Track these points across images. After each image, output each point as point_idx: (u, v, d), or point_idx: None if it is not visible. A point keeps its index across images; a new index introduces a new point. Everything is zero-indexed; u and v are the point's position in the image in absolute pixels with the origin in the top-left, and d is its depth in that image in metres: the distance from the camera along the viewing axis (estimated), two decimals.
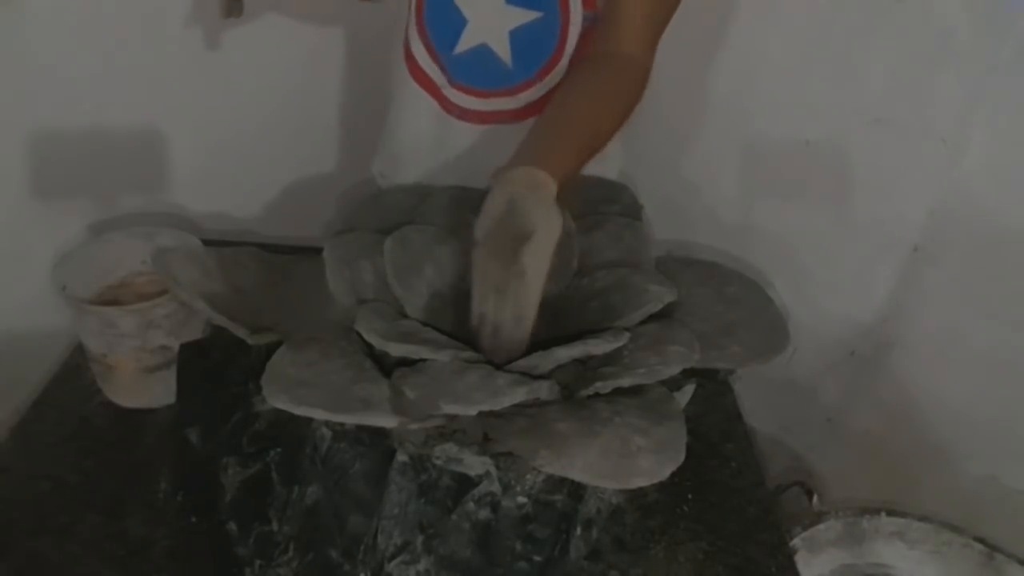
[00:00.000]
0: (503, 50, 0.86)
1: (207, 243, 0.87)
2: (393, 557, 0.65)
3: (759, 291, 0.78)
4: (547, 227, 0.65)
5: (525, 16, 0.84)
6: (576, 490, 0.67)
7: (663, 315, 0.69)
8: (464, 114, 0.91)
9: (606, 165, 0.93)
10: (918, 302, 1.07)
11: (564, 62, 0.87)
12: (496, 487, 0.64)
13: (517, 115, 0.91)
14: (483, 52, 0.87)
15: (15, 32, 0.99)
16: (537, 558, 0.67)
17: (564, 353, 0.62)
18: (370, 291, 0.72)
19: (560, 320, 0.73)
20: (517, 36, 0.85)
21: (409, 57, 0.91)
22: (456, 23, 0.86)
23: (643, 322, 0.68)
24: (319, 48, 1.11)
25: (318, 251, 0.75)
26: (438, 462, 0.63)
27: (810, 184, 1.11)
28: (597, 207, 0.85)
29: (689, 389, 0.72)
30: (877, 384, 1.14)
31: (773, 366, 0.68)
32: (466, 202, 0.85)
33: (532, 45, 0.86)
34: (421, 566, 0.66)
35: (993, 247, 0.97)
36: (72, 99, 1.04)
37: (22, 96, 1.02)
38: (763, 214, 1.14)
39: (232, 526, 0.71)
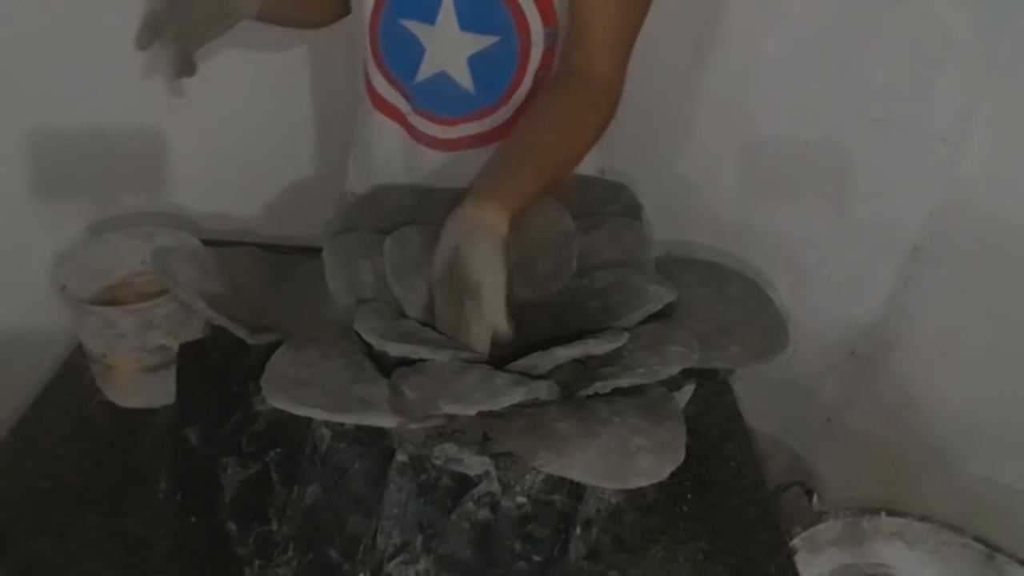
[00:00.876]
0: (463, 77, 0.85)
1: (207, 243, 0.87)
2: (393, 557, 0.65)
3: (759, 291, 0.78)
4: (490, 275, 0.64)
5: (482, 42, 0.82)
6: (576, 490, 0.67)
7: (663, 315, 0.69)
8: (432, 142, 0.90)
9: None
10: (918, 302, 1.07)
11: (528, 81, 0.86)
12: (496, 487, 0.64)
13: (485, 139, 0.90)
14: (443, 79, 0.85)
15: (15, 32, 0.99)
16: (537, 558, 0.67)
17: (564, 353, 0.62)
18: (370, 291, 0.72)
19: (560, 320, 0.73)
20: (476, 62, 0.84)
21: (370, 88, 0.90)
22: (415, 51, 0.85)
23: (643, 322, 0.68)
24: (319, 48, 1.11)
25: (318, 251, 0.75)
26: (438, 462, 0.63)
27: (810, 184, 1.11)
28: (597, 207, 0.85)
29: (689, 389, 0.72)
30: (877, 384, 1.14)
31: (773, 366, 0.68)
32: None
33: (493, 69, 0.85)
34: (420, 566, 0.66)
35: (993, 247, 0.97)
36: (72, 99, 1.04)
37: (22, 96, 1.02)
38: (763, 214, 1.14)
39: (232, 526, 0.71)
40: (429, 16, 0.82)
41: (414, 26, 0.83)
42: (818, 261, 1.13)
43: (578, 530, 0.69)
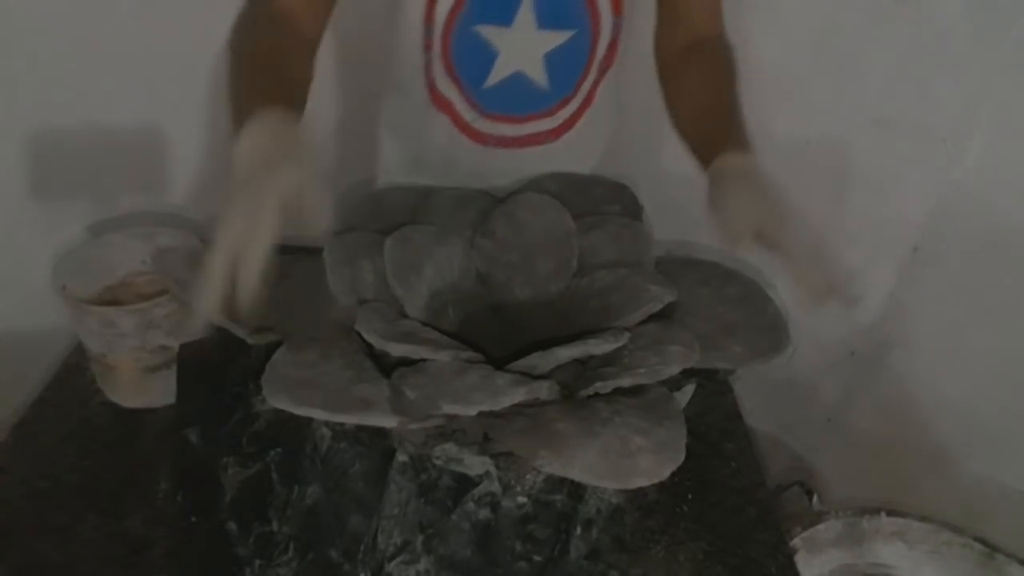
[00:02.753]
0: (539, 74, 0.85)
1: (207, 243, 0.87)
2: (393, 557, 0.65)
3: (759, 291, 0.78)
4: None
5: (559, 37, 0.82)
6: (576, 490, 0.67)
7: (663, 315, 0.69)
8: (501, 141, 0.90)
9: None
10: (918, 302, 1.07)
11: (594, 72, 0.87)
12: (496, 487, 0.64)
13: (554, 134, 0.90)
14: (518, 79, 0.85)
15: (15, 32, 0.99)
16: (537, 558, 0.67)
17: (564, 353, 0.62)
18: (370, 291, 0.72)
19: (560, 320, 0.73)
20: (552, 58, 0.84)
21: (437, 97, 0.88)
22: (486, 57, 0.83)
23: (643, 322, 0.68)
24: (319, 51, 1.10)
25: (318, 251, 0.75)
26: (438, 462, 0.63)
27: (810, 184, 1.11)
28: (597, 207, 0.85)
29: (689, 389, 0.72)
30: (877, 384, 1.14)
31: (773, 366, 0.68)
32: (467, 202, 0.85)
33: (567, 62, 0.85)
34: (421, 566, 0.66)
35: (993, 247, 0.97)
36: (72, 99, 1.04)
37: (22, 96, 1.02)
38: None
39: (232, 526, 0.71)
40: (506, 18, 0.81)
41: (488, 31, 0.81)
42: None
43: (578, 530, 0.69)
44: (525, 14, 0.80)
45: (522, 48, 0.83)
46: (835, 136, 1.05)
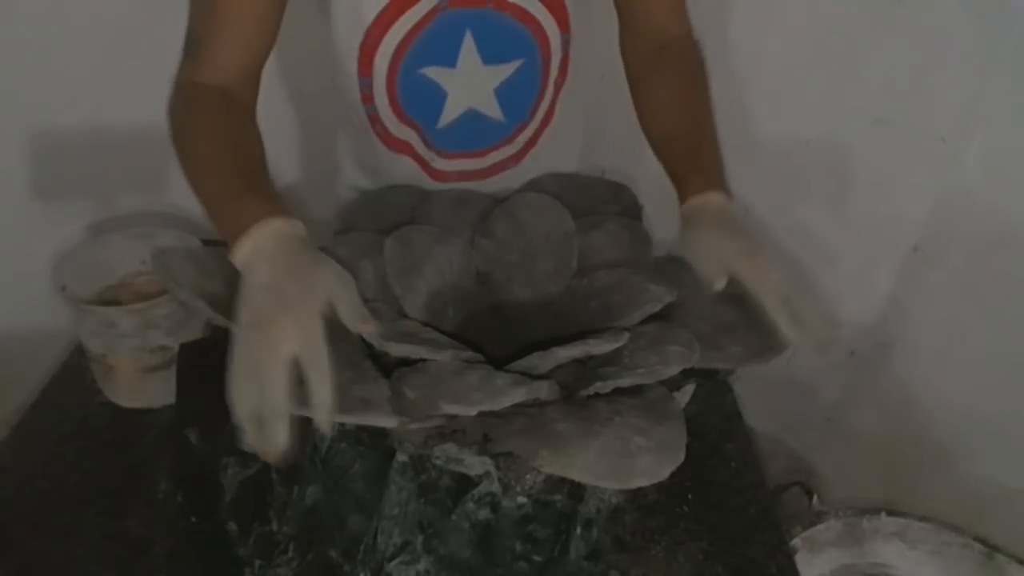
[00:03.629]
0: (492, 108, 0.84)
1: (207, 243, 0.87)
2: (393, 557, 0.65)
3: None
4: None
5: (507, 69, 0.81)
6: (576, 490, 0.67)
7: (663, 315, 0.69)
8: (464, 176, 0.89)
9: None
10: (918, 302, 1.07)
11: (550, 90, 0.86)
12: (496, 487, 0.64)
13: (516, 158, 0.90)
14: (472, 117, 0.84)
15: (15, 32, 0.99)
16: (537, 558, 0.67)
17: (564, 353, 0.62)
18: (370, 291, 0.72)
19: (560, 320, 0.73)
20: (502, 90, 0.82)
21: (393, 142, 0.86)
22: (435, 97, 0.81)
23: (643, 322, 0.68)
24: (318, 49, 1.10)
25: None
26: (438, 462, 0.63)
27: (810, 184, 1.11)
28: (597, 207, 0.85)
29: (689, 389, 0.72)
30: (877, 384, 1.14)
31: (773, 366, 0.68)
32: (466, 203, 0.85)
33: (519, 91, 0.84)
34: (421, 566, 0.66)
35: (993, 247, 0.97)
36: (72, 99, 1.04)
37: (22, 96, 1.02)
38: (763, 214, 1.14)
39: (232, 526, 0.71)
40: (450, 59, 0.79)
41: (434, 72, 0.80)
42: (818, 261, 1.13)
43: (578, 530, 0.69)
44: (468, 53, 0.78)
45: (470, 86, 0.81)
46: (835, 136, 1.05)
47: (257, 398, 0.52)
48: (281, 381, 0.51)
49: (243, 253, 0.58)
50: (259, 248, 0.57)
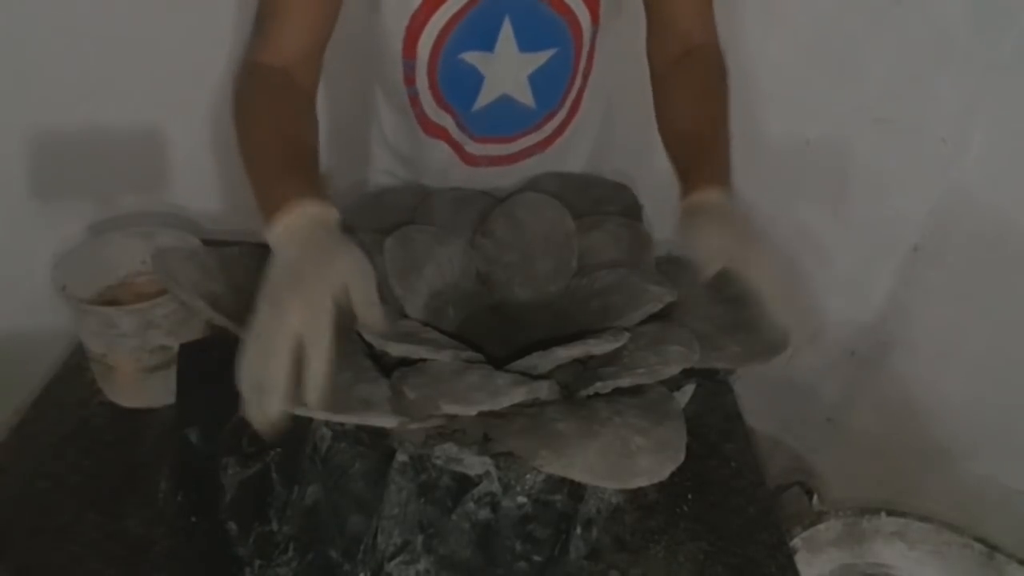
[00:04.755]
0: (524, 95, 0.86)
1: (207, 243, 0.87)
2: (393, 557, 0.65)
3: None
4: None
5: (541, 57, 0.83)
6: (576, 490, 0.67)
7: (663, 315, 0.69)
8: (493, 161, 0.91)
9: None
10: (918, 302, 1.07)
11: (579, 80, 0.88)
12: (496, 487, 0.64)
13: (542, 145, 0.92)
14: (505, 102, 0.86)
15: (15, 32, 0.99)
16: (537, 558, 0.67)
17: (564, 353, 0.62)
18: None
19: (560, 320, 0.73)
20: (536, 78, 0.84)
21: (430, 126, 0.89)
22: (472, 82, 0.84)
23: (643, 322, 0.68)
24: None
25: None
26: (438, 462, 0.63)
27: (810, 184, 1.11)
28: (597, 207, 0.85)
29: (689, 389, 0.72)
30: (877, 384, 1.14)
31: (773, 366, 0.68)
32: (466, 203, 0.85)
33: (551, 79, 0.86)
34: (421, 566, 0.66)
35: (993, 247, 0.97)
36: (72, 99, 1.04)
37: (22, 96, 1.02)
38: (763, 214, 1.14)
39: (232, 526, 0.71)
40: (488, 44, 0.81)
41: (473, 57, 0.82)
42: (818, 261, 1.13)
43: (578, 530, 0.69)
44: (506, 39, 0.81)
45: (506, 72, 0.84)
46: (835, 136, 1.05)
47: (260, 369, 0.54)
48: (282, 354, 0.53)
49: (275, 232, 0.61)
50: (290, 228, 0.60)
